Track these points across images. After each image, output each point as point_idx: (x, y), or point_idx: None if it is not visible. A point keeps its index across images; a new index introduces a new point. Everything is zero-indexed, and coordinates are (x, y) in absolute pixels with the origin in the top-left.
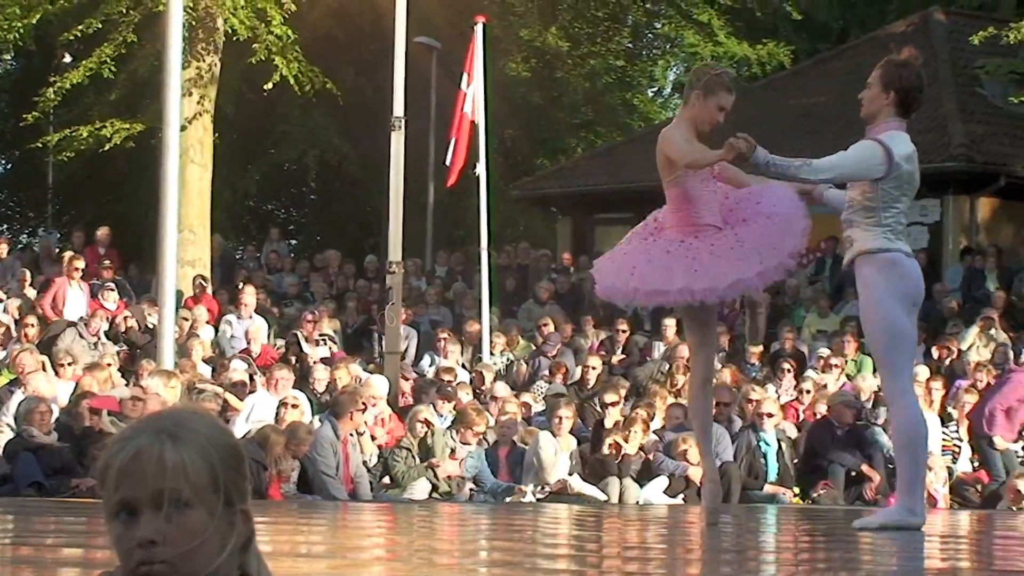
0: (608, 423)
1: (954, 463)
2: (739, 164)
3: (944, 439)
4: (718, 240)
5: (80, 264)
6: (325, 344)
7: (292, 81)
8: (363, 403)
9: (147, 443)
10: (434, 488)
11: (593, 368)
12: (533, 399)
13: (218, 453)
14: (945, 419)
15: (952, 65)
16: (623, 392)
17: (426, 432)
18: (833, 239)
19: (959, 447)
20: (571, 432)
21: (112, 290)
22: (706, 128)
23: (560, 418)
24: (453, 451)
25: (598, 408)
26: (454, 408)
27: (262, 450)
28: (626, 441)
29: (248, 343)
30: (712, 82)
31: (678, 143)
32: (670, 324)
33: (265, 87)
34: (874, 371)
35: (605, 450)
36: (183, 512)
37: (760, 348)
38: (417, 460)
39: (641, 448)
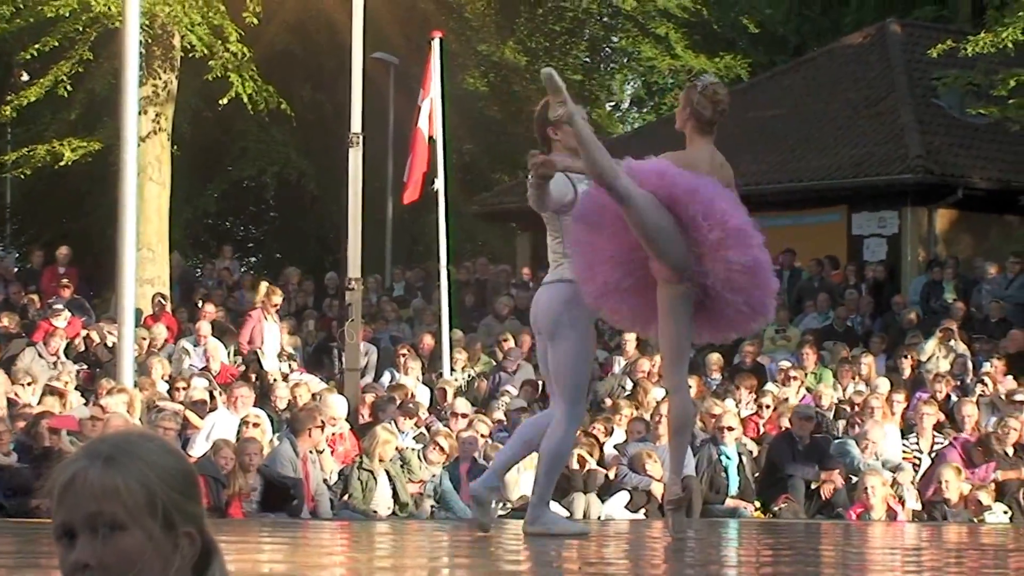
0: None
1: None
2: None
3: (905, 451)
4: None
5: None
6: (285, 361)
7: (246, 100)
8: (322, 420)
9: (82, 467)
10: (396, 504)
11: None
12: (492, 415)
13: (158, 475)
14: (906, 431)
15: (909, 77)
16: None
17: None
18: (790, 251)
19: (919, 459)
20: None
21: (62, 310)
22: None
23: None
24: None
25: None
26: (415, 425)
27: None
28: (591, 456)
29: (208, 361)
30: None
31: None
32: (630, 339)
33: (220, 103)
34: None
35: (572, 465)
36: (118, 535)
37: (720, 361)
38: (377, 481)
39: (602, 462)
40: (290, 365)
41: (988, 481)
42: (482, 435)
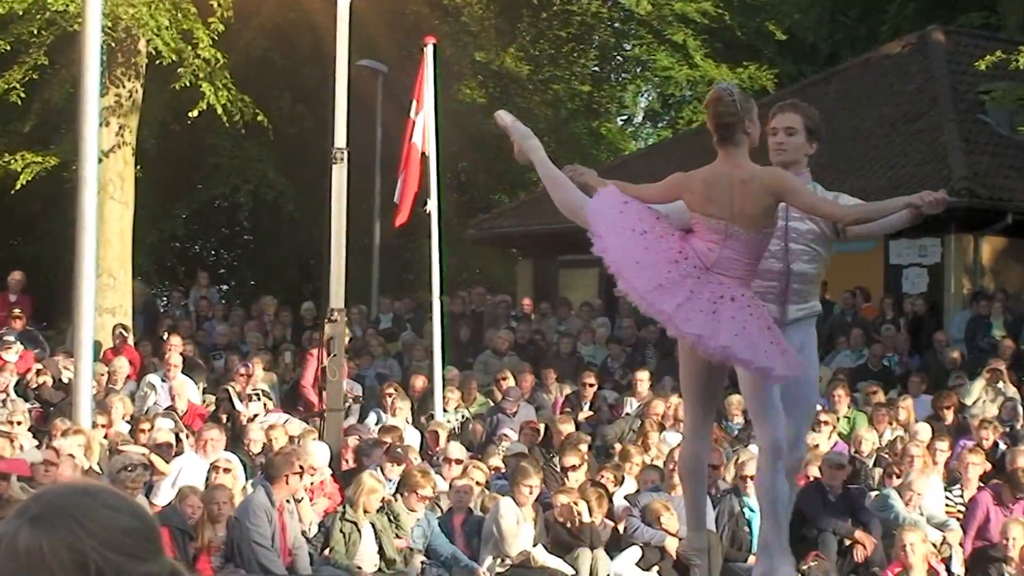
0: (574, 487)
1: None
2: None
3: (948, 505)
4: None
5: None
6: (259, 400)
7: (220, 111)
8: (300, 466)
9: (10, 528)
10: (383, 560)
11: (560, 432)
12: (488, 462)
13: (93, 536)
14: (949, 483)
15: (953, 90)
16: (584, 451)
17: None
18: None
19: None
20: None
21: (13, 342)
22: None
23: (529, 488)
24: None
25: (559, 471)
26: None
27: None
28: (591, 507)
29: (173, 399)
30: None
31: (808, 190)
32: (643, 378)
33: (190, 115)
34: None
35: (574, 518)
36: None
37: (742, 403)
38: (361, 534)
39: (610, 515)
40: (264, 404)
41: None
42: (477, 483)
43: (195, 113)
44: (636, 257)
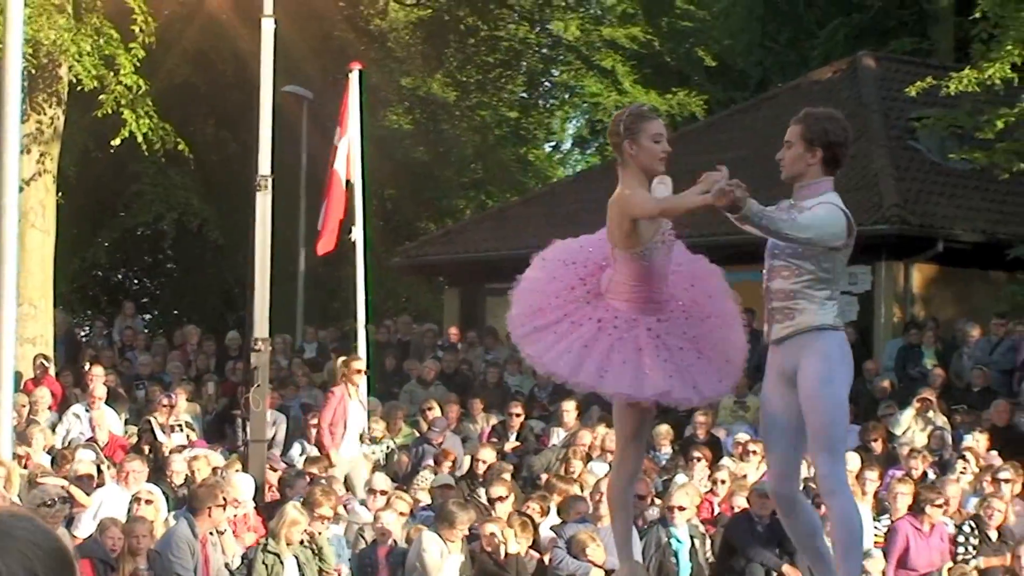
0: (501, 518)
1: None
2: (728, 212)
3: (876, 535)
4: (686, 334)
5: None
6: (183, 431)
7: (140, 139)
8: (223, 498)
9: None
10: None
11: (484, 461)
12: (414, 493)
13: (39, 559)
14: (879, 512)
15: (884, 116)
16: (510, 481)
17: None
18: (749, 311)
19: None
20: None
21: None
22: (659, 167)
23: (452, 521)
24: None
25: (485, 503)
26: (332, 506)
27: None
28: (517, 538)
29: (94, 430)
30: (632, 121)
31: (640, 197)
32: (569, 409)
33: (112, 143)
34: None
35: (499, 550)
36: None
37: (670, 433)
38: (284, 566)
39: (536, 546)
40: (188, 435)
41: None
42: (401, 514)
43: (117, 142)
44: (532, 285)
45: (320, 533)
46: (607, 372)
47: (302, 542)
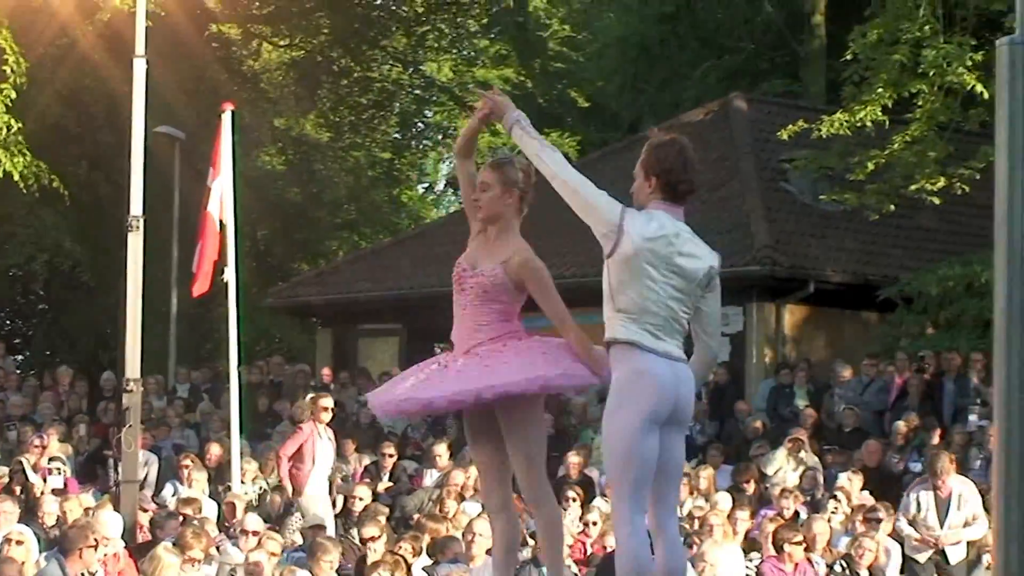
0: (371, 560)
1: None
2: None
3: (748, 573)
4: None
5: None
6: (60, 474)
7: (17, 177)
8: (94, 539)
9: None
10: None
11: (360, 499)
12: (286, 534)
13: None
14: (748, 551)
15: (755, 158)
16: (383, 522)
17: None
18: None
19: None
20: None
21: None
22: (478, 214)
23: (329, 563)
24: None
25: (358, 543)
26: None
27: None
28: None
29: None
30: (511, 176)
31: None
32: (442, 452)
33: None
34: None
35: None
36: None
37: None
38: None
39: None
40: (63, 475)
41: None
42: (272, 554)
43: None
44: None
45: None
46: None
47: None
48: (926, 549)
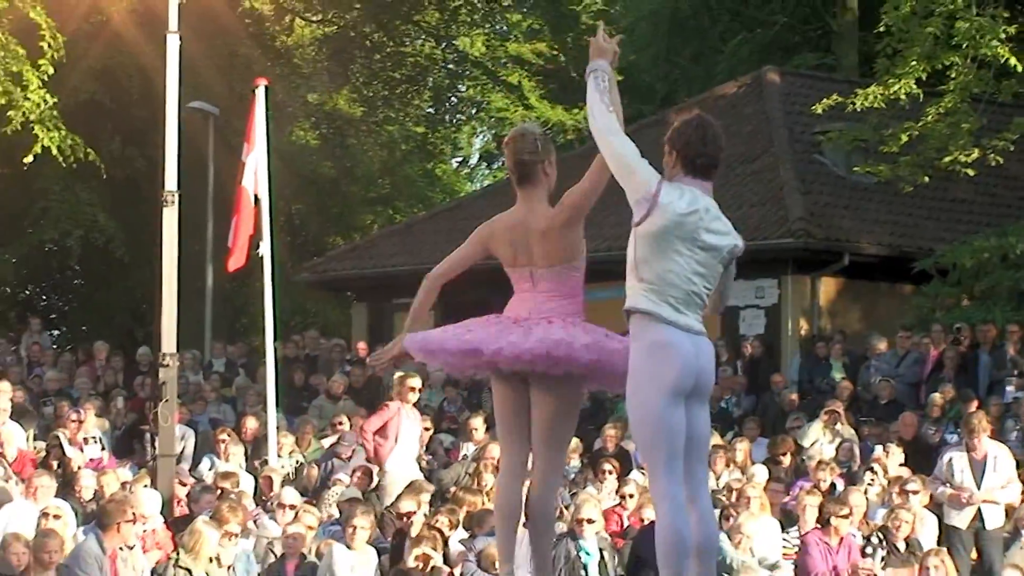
0: (413, 533)
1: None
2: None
3: (785, 547)
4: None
5: None
6: (98, 443)
7: (55, 151)
8: (132, 513)
9: None
10: None
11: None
12: (323, 507)
13: None
14: (786, 523)
15: (789, 131)
16: (423, 497)
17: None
18: None
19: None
20: (370, 543)
21: None
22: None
23: (355, 527)
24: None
25: (395, 518)
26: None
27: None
28: (435, 551)
29: (1, 445)
30: (546, 143)
31: (585, 187)
32: (478, 425)
33: (25, 161)
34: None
35: (411, 563)
36: None
37: (579, 446)
38: None
39: (447, 560)
40: (103, 447)
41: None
42: (310, 527)
43: (30, 158)
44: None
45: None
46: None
47: (212, 558)
48: (961, 508)
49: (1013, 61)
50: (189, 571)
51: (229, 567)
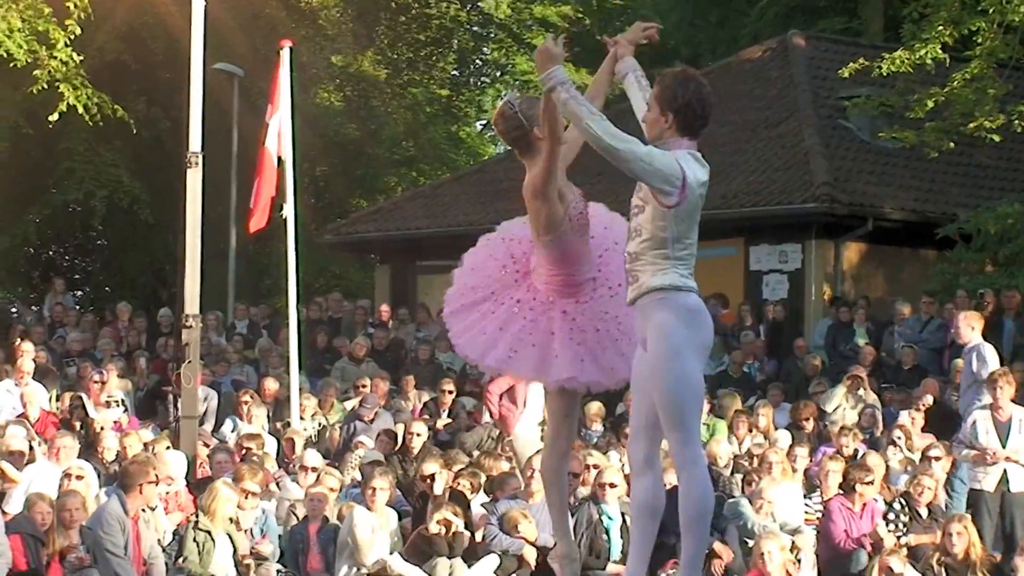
0: (435, 494)
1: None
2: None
3: (807, 513)
4: (608, 314)
5: None
6: (120, 406)
7: (81, 110)
8: (155, 475)
9: None
10: (237, 570)
11: (417, 435)
12: (345, 470)
13: None
14: (808, 490)
15: (814, 95)
16: (444, 461)
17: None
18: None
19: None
20: (391, 506)
21: None
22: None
23: (374, 489)
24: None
25: (419, 481)
26: (262, 481)
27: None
28: (456, 516)
29: (25, 406)
30: (529, 107)
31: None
32: None
33: (50, 119)
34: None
35: (433, 527)
36: None
37: (601, 410)
38: (215, 543)
39: (468, 523)
40: (126, 409)
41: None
42: (332, 490)
43: (55, 116)
44: (472, 263)
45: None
46: (515, 355)
47: (232, 519)
48: (985, 466)
49: None
50: (209, 533)
51: (248, 530)
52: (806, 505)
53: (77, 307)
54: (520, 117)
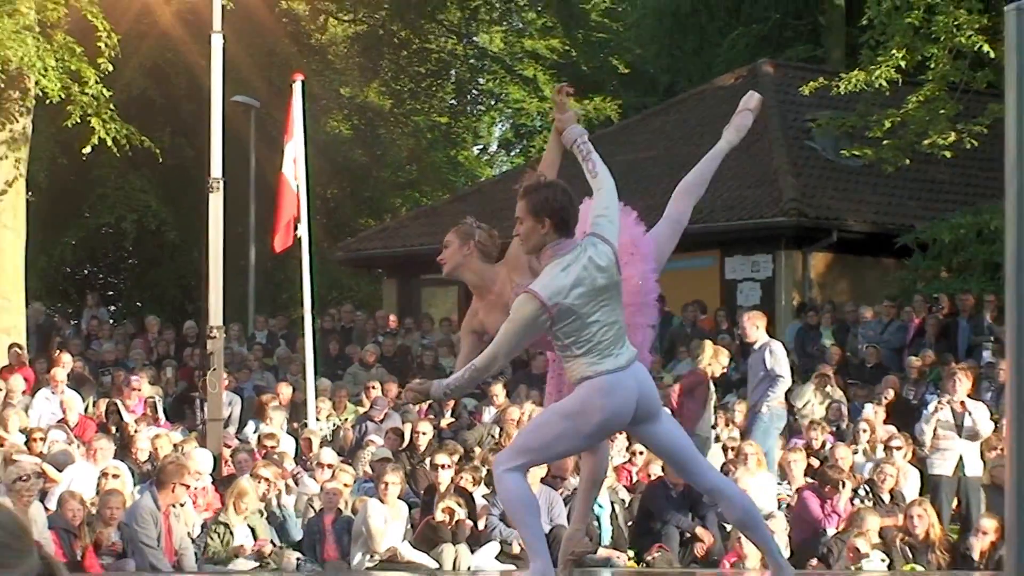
0: (441, 487)
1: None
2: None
3: (780, 494)
4: None
5: None
6: (153, 411)
7: (110, 142)
8: (188, 479)
9: None
10: (259, 561)
11: (423, 433)
12: (358, 466)
13: None
14: (782, 478)
15: (782, 118)
16: (455, 456)
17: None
18: (660, 297)
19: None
20: (401, 498)
21: None
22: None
23: (387, 484)
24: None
25: (429, 471)
26: (280, 476)
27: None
28: (460, 506)
29: (64, 412)
30: (468, 232)
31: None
32: (498, 392)
33: (83, 152)
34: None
35: (439, 516)
36: None
37: None
38: (235, 536)
39: (471, 513)
40: (158, 412)
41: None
42: (346, 484)
43: (88, 149)
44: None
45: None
46: None
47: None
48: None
49: (987, 48)
50: (227, 526)
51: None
52: (779, 492)
53: (111, 320)
54: (462, 250)
